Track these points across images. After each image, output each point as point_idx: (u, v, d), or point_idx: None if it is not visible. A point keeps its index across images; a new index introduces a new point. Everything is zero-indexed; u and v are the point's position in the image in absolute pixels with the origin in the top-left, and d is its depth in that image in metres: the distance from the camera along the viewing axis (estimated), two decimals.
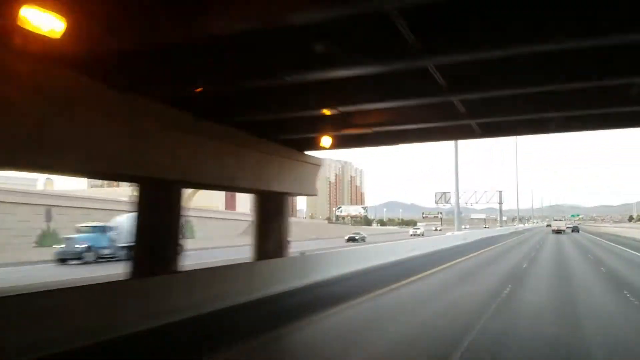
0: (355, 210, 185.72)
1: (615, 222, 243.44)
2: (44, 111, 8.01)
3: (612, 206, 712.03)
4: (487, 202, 66.36)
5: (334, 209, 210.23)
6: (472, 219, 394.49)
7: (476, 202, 67.11)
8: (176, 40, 7.60)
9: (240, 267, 13.57)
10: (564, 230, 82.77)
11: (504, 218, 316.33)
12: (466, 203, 67.68)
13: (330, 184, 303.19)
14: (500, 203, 67.67)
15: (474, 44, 7.58)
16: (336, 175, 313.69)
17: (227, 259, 22.32)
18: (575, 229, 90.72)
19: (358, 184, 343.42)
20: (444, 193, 68.78)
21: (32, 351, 6.90)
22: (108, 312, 8.48)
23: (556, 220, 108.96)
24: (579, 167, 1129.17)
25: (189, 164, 11.69)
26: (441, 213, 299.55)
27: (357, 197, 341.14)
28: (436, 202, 69.57)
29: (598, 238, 54.95)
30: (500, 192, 67.42)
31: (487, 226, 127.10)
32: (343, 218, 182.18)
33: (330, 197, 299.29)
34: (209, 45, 8.07)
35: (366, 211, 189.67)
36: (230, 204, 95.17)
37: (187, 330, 9.26)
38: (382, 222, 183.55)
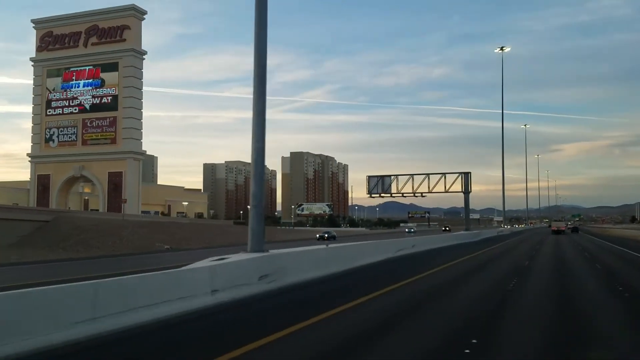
0: (319, 208, 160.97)
1: (616, 223, 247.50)
2: None
3: (611, 207, 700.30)
4: (447, 192, 42.23)
5: (293, 206, 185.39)
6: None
7: (429, 192, 42.95)
8: None
9: None
10: (563, 231, 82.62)
11: (500, 219, 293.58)
12: (416, 194, 43.42)
13: (308, 180, 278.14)
14: (467, 192, 43.35)
15: None
16: (315, 171, 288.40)
17: None
18: (574, 230, 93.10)
19: (341, 181, 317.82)
20: (381, 178, 44.61)
21: None
22: None
23: (556, 220, 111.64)
24: (577, 168, 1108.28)
25: None
26: (428, 213, 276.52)
27: (340, 195, 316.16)
28: (369, 193, 45.23)
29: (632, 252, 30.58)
30: (465, 174, 43.02)
31: (447, 228, 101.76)
32: (306, 218, 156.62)
33: (307, 195, 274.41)
34: None
35: (331, 209, 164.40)
36: (42, 199, 70.88)
37: None
38: (352, 223, 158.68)
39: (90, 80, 71.72)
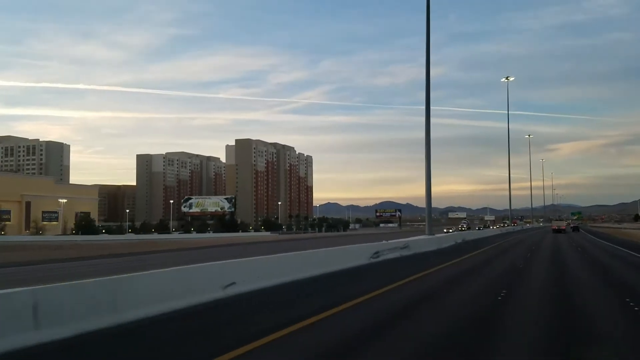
0: (215, 204, 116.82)
1: (616, 221, 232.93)
2: None
3: (608, 206, 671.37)
4: None
5: (171, 201, 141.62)
6: (450, 218, 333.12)
7: None
8: None
9: None
10: (564, 230, 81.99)
11: (492, 218, 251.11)
12: None
13: (257, 173, 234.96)
14: None
15: None
16: (268, 162, 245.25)
17: None
18: (575, 229, 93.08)
19: (302, 175, 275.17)
20: None
21: None
22: None
23: (557, 220, 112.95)
24: (574, 167, 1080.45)
25: None
26: (399, 211, 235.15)
27: (301, 192, 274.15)
28: None
29: None
30: None
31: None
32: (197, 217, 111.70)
33: (257, 192, 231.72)
34: None
35: (233, 205, 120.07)
36: None
37: None
38: (269, 225, 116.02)
39: None
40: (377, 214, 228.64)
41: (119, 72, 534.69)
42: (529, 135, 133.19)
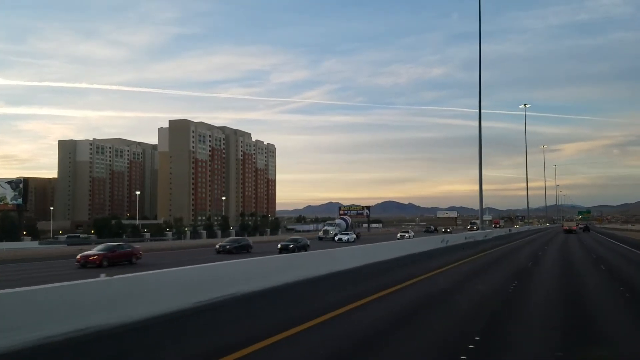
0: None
1: (623, 222, 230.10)
2: None
3: (611, 206, 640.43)
4: None
5: None
6: (439, 217, 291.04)
7: None
8: None
9: None
10: (575, 230, 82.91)
11: (490, 217, 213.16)
12: None
13: (197, 163, 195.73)
14: None
15: None
16: (213, 149, 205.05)
17: None
18: (585, 229, 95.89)
19: (261, 167, 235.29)
20: None
21: None
22: None
23: (567, 220, 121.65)
24: (576, 168, 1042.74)
25: None
26: (368, 208, 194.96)
27: (260, 187, 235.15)
28: None
29: None
30: None
31: None
32: None
33: (196, 186, 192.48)
34: None
35: (20, 194, 78.37)
36: None
37: None
38: (103, 228, 77.37)
39: None
40: (341, 212, 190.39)
41: (121, 71, 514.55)
42: (524, 105, 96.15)
